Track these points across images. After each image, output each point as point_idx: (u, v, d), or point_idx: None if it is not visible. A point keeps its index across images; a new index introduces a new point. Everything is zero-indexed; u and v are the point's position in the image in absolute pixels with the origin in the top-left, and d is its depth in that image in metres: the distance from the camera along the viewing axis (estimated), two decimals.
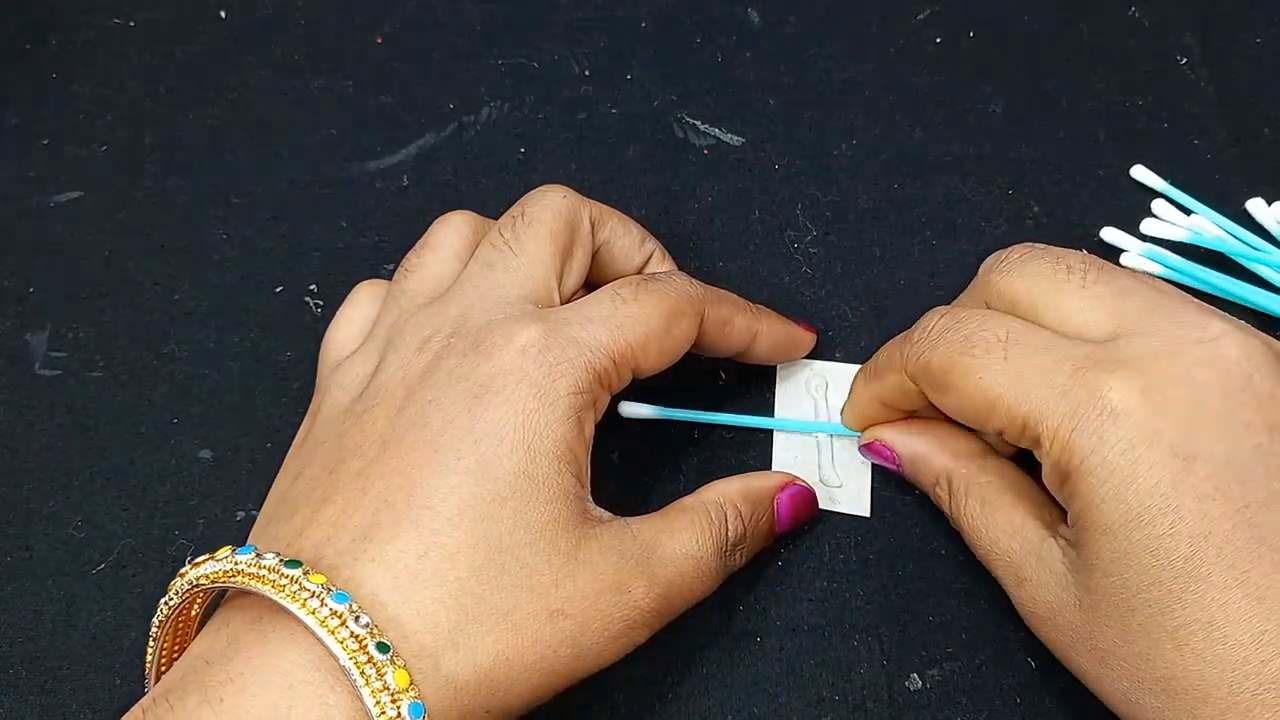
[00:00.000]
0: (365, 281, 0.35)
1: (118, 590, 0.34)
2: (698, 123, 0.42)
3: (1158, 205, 0.39)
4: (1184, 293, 0.30)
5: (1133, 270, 0.30)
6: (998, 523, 0.30)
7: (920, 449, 0.33)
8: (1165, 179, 0.40)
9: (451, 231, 0.33)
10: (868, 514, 0.35)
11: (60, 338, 0.38)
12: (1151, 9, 0.44)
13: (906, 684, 0.33)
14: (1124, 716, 0.27)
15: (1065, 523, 0.29)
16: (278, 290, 0.39)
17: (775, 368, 0.37)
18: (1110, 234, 0.39)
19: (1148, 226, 0.39)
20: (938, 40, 0.44)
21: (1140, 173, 0.40)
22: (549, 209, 0.32)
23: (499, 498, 0.27)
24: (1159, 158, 0.40)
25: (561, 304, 0.32)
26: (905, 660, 0.33)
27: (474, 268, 0.32)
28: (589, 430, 0.29)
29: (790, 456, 0.36)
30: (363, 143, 0.42)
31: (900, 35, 0.44)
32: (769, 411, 0.36)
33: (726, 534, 0.31)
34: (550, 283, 0.31)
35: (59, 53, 0.44)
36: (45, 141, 0.42)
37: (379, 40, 0.44)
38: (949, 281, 0.38)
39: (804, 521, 0.34)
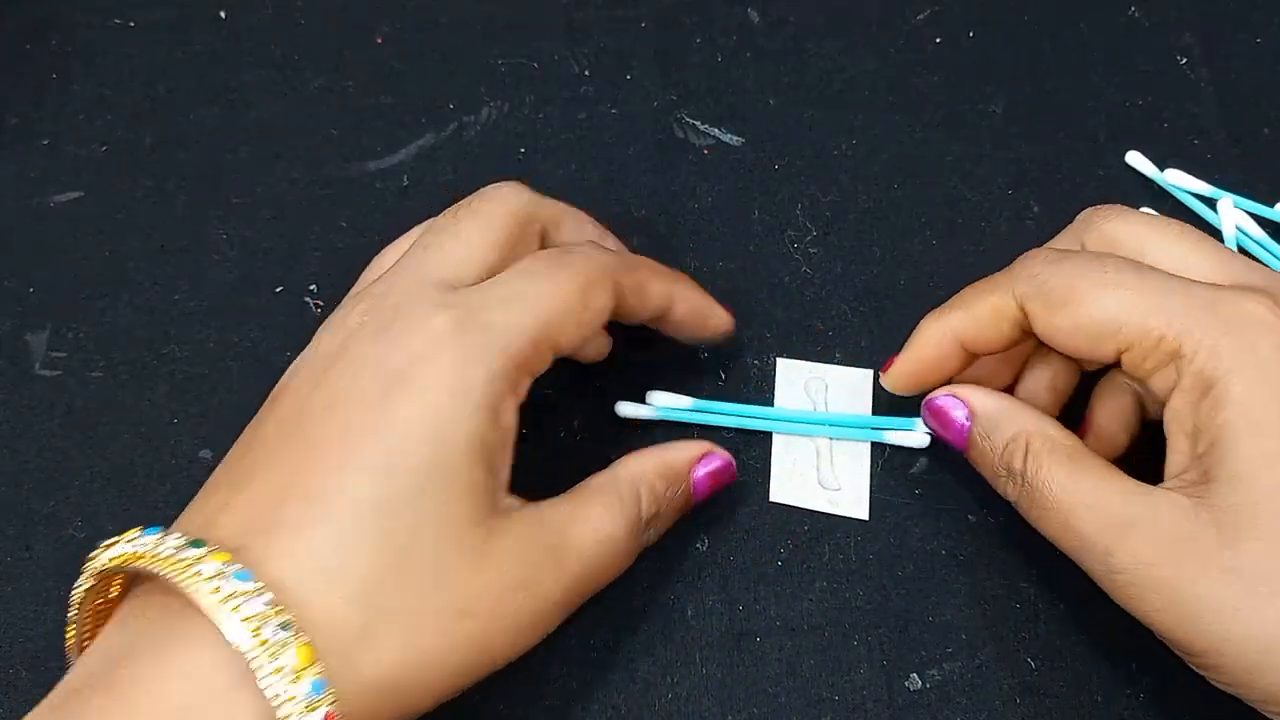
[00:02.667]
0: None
1: None
2: (698, 123, 0.42)
3: (1131, 156, 0.41)
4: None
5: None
6: (1091, 475, 0.29)
7: (1000, 404, 0.32)
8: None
9: (488, 220, 0.32)
10: (866, 517, 0.35)
11: (60, 338, 0.38)
12: (1151, 9, 0.44)
13: (906, 684, 0.33)
14: (1253, 645, 0.26)
15: (1160, 483, 0.28)
16: (278, 290, 0.39)
17: (775, 369, 0.37)
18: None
19: (1132, 159, 0.40)
20: (938, 40, 0.44)
21: (1135, 159, 0.40)
22: (498, 201, 0.32)
23: (407, 494, 0.26)
24: (1159, 157, 0.40)
25: None
26: (905, 660, 0.33)
27: (411, 250, 0.31)
28: (508, 418, 0.28)
29: (789, 459, 0.36)
30: (363, 143, 0.42)
31: (900, 35, 0.44)
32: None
33: (639, 512, 0.30)
34: (479, 273, 0.30)
35: (59, 53, 0.44)
36: (45, 141, 0.42)
37: (379, 40, 0.44)
38: (949, 281, 0.38)
39: (722, 489, 0.33)
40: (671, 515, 0.32)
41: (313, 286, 0.39)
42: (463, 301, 0.29)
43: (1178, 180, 0.40)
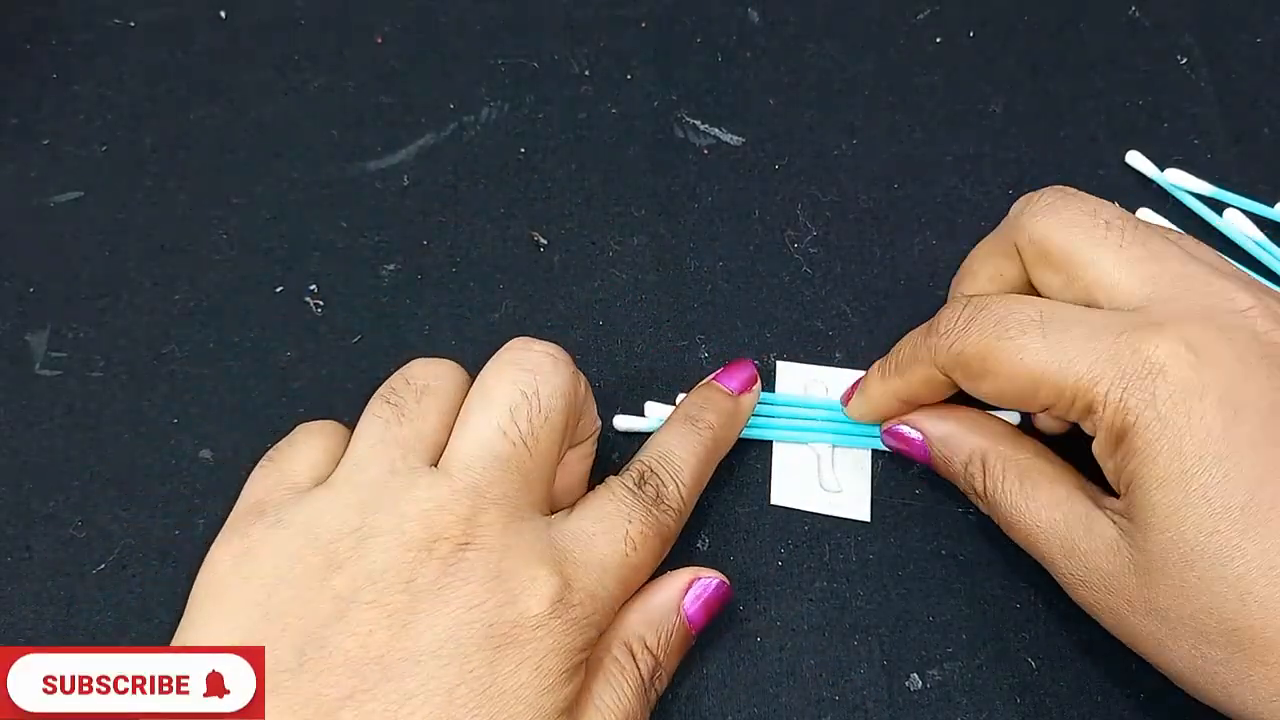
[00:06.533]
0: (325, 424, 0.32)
1: (118, 590, 0.34)
2: (698, 123, 0.42)
3: (1132, 156, 0.40)
4: (1213, 254, 0.30)
5: (1164, 231, 0.30)
6: (1040, 497, 0.30)
7: (952, 429, 0.32)
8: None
9: (452, 384, 0.31)
10: (868, 519, 0.35)
11: (60, 338, 0.38)
12: (1151, 9, 0.44)
13: (906, 684, 0.33)
14: (1188, 680, 0.27)
15: (1108, 496, 0.29)
16: (278, 290, 0.39)
17: (775, 370, 0.37)
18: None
19: (1132, 159, 0.40)
20: (938, 40, 0.44)
21: (1134, 158, 0.40)
22: (443, 374, 0.31)
23: None
24: (1159, 158, 0.40)
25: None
26: (905, 660, 0.33)
27: (495, 445, 0.29)
28: (583, 671, 0.28)
29: (789, 461, 0.36)
30: (363, 143, 0.42)
31: (900, 35, 0.44)
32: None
33: (641, 674, 0.29)
34: (549, 491, 0.30)
35: (59, 53, 0.44)
36: (45, 141, 0.42)
37: (379, 40, 0.44)
38: (949, 281, 0.38)
39: (721, 612, 0.32)
40: (675, 659, 0.31)
41: (313, 286, 0.39)
42: (567, 561, 0.28)
43: (1178, 180, 0.40)
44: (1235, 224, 0.39)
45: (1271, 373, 0.27)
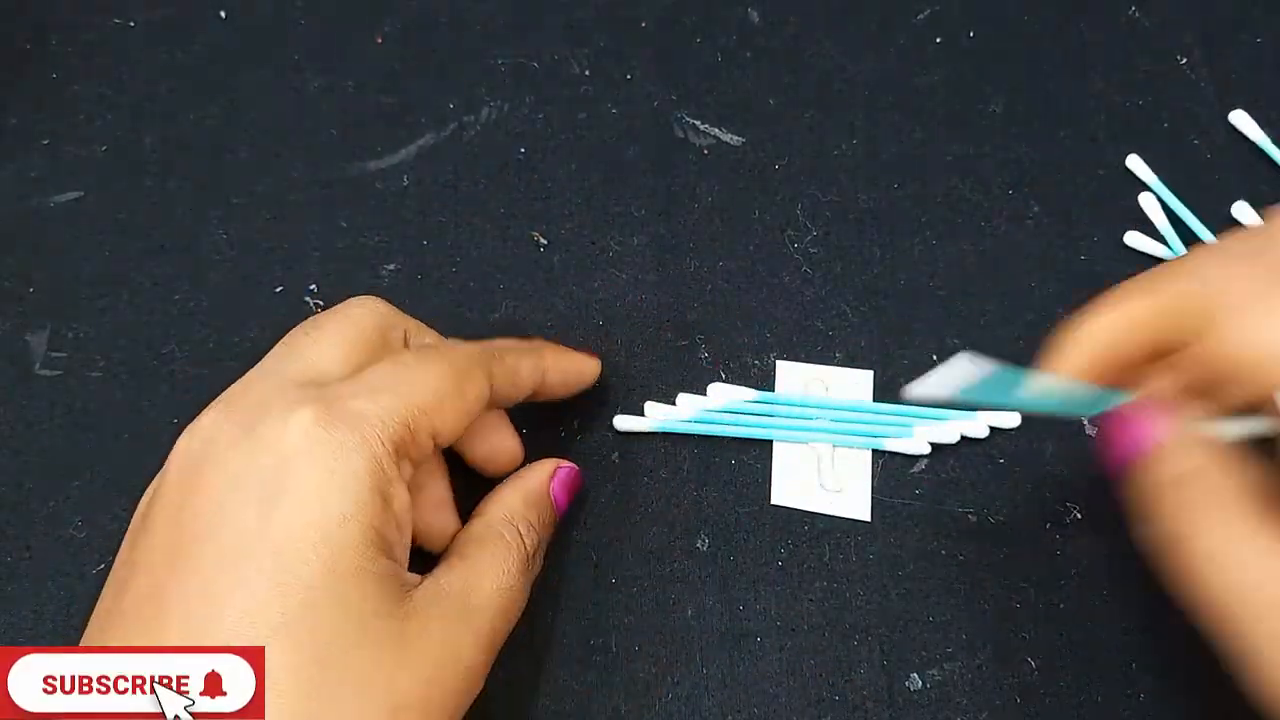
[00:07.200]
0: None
1: None
2: (698, 123, 0.42)
3: (1145, 199, 0.40)
4: None
5: None
6: (1238, 536, 0.24)
7: (1175, 429, 0.26)
8: (1163, 179, 0.40)
9: (351, 322, 0.31)
10: (868, 519, 0.35)
11: (60, 338, 0.38)
12: (1151, 9, 0.44)
13: (906, 684, 0.33)
14: None
15: None
16: (278, 290, 0.39)
17: (775, 371, 0.37)
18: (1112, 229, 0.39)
19: (1131, 239, 0.39)
20: (938, 40, 0.44)
21: (1135, 163, 0.40)
22: (357, 307, 0.31)
23: (310, 604, 0.25)
24: (1159, 158, 0.40)
25: None
26: (905, 660, 0.33)
27: (268, 355, 0.30)
28: (400, 501, 0.28)
29: (789, 461, 0.36)
30: (363, 143, 0.42)
31: (900, 35, 0.44)
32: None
33: (525, 550, 0.30)
34: (341, 372, 0.29)
35: (59, 53, 0.44)
36: (45, 141, 0.42)
37: (379, 40, 0.44)
38: (949, 281, 0.39)
39: (575, 496, 0.34)
40: (547, 539, 0.32)
41: (313, 286, 0.39)
42: (327, 394, 0.28)
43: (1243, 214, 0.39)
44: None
45: None
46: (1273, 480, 0.25)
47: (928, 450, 0.35)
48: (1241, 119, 0.41)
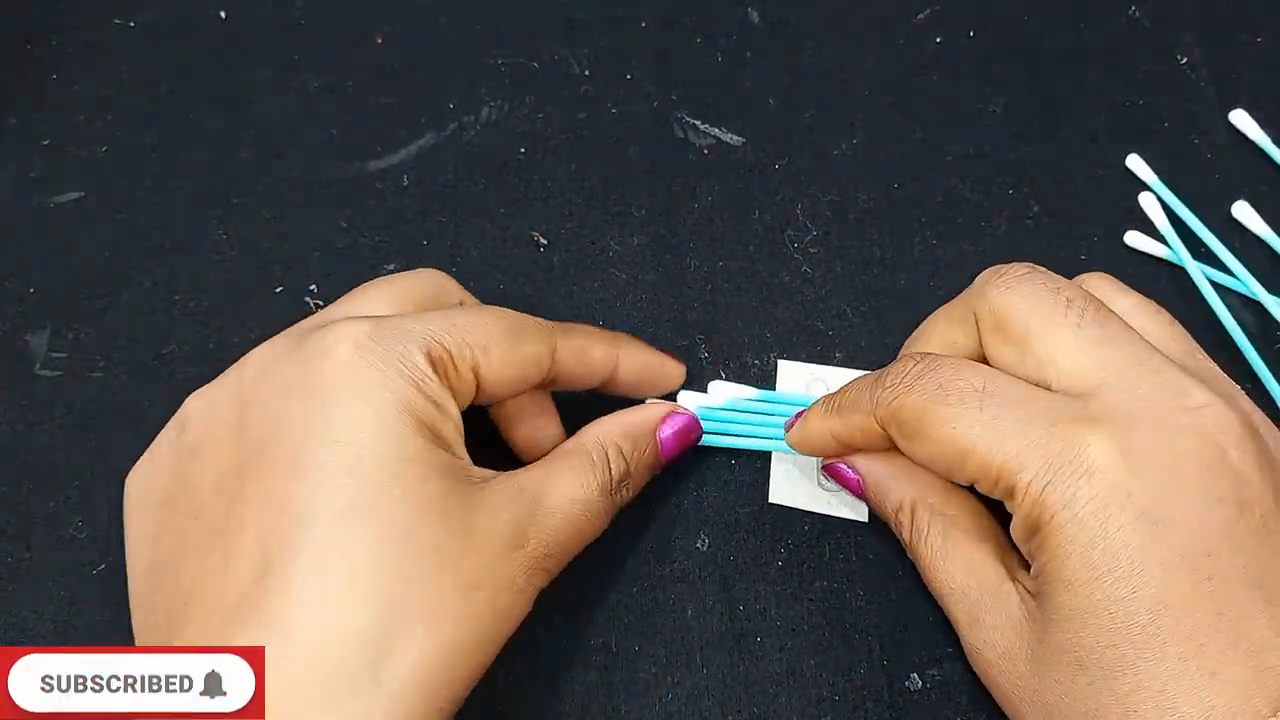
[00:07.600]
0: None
1: (118, 590, 0.34)
2: (698, 123, 0.42)
3: (1145, 199, 0.40)
4: (1183, 342, 0.30)
5: (1124, 321, 0.29)
6: (958, 558, 0.30)
7: (886, 472, 0.32)
8: (1164, 179, 0.40)
9: (407, 279, 0.33)
10: (866, 520, 0.35)
11: (60, 338, 0.38)
12: (1151, 9, 0.44)
13: (906, 684, 0.33)
14: None
15: (1027, 571, 0.28)
16: (278, 290, 0.39)
17: (775, 371, 0.37)
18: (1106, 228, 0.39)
19: (1131, 239, 0.39)
20: (938, 40, 0.44)
21: (1135, 163, 0.40)
22: (423, 273, 0.33)
23: (382, 487, 0.26)
24: (1159, 157, 0.40)
25: None
26: (905, 660, 0.33)
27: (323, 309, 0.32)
28: (453, 409, 0.29)
29: (789, 461, 0.36)
30: (363, 143, 0.42)
31: (900, 35, 0.44)
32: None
33: (610, 473, 0.31)
34: (392, 312, 0.31)
35: (59, 53, 0.44)
36: (45, 141, 0.42)
37: (379, 40, 0.44)
38: (949, 281, 0.39)
39: (690, 446, 0.34)
40: (643, 475, 0.33)
41: (313, 286, 0.39)
42: (381, 317, 0.29)
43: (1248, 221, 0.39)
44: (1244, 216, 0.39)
45: (1209, 483, 0.26)
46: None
47: None
48: (1241, 119, 0.41)
